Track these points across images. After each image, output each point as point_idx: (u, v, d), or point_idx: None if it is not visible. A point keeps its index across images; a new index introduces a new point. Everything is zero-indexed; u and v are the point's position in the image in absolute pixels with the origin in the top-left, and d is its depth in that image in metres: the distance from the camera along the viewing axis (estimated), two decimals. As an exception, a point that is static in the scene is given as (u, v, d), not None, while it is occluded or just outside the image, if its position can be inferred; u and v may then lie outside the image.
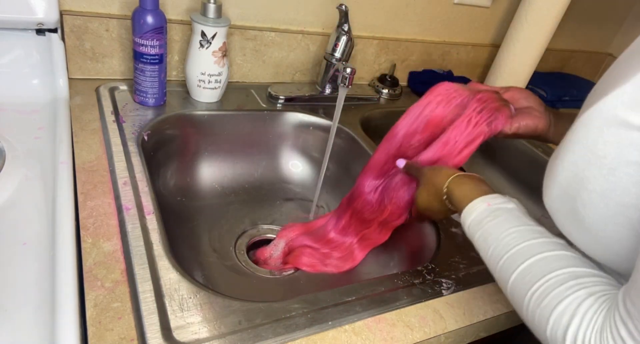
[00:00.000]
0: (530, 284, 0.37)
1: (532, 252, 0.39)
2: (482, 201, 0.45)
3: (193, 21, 0.70)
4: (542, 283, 0.36)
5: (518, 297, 0.38)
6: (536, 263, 0.38)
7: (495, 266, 0.41)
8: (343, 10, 0.79)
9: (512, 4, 1.08)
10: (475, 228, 0.45)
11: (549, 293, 0.35)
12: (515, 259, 0.39)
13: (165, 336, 0.39)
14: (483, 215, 0.44)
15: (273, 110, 0.83)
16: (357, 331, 0.45)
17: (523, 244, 0.40)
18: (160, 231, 0.50)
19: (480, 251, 0.44)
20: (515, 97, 0.60)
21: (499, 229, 0.42)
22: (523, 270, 0.38)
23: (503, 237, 0.42)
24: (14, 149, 0.55)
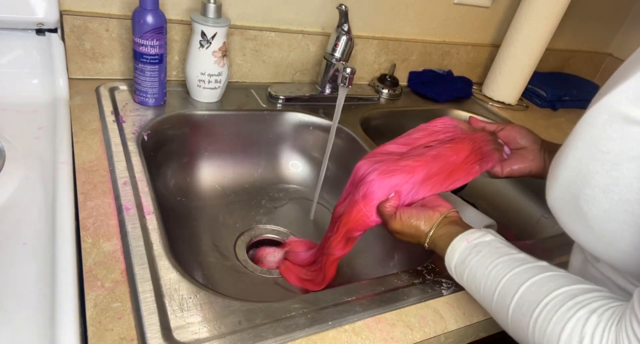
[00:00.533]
0: (530, 313, 0.37)
1: (521, 279, 0.39)
2: (460, 239, 0.45)
3: (193, 21, 0.70)
4: (540, 310, 0.36)
5: (521, 330, 0.37)
6: (528, 289, 0.38)
7: (491, 302, 0.41)
8: (343, 10, 0.79)
9: (512, 4, 1.08)
10: (461, 269, 0.45)
11: (550, 318, 0.35)
12: (507, 291, 0.39)
13: (165, 336, 0.39)
14: (465, 254, 0.44)
15: (273, 110, 0.83)
16: (357, 331, 0.45)
17: (510, 274, 0.40)
18: (160, 231, 0.50)
19: (472, 290, 0.44)
20: (511, 137, 0.61)
21: (484, 264, 0.42)
22: (518, 300, 0.38)
23: (489, 271, 0.42)
24: (14, 149, 0.55)
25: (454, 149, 0.55)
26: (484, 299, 0.42)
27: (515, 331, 0.39)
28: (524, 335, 0.37)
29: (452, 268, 0.46)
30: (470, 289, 0.45)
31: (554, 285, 0.37)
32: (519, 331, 0.38)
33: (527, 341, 0.37)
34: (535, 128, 1.02)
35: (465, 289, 0.46)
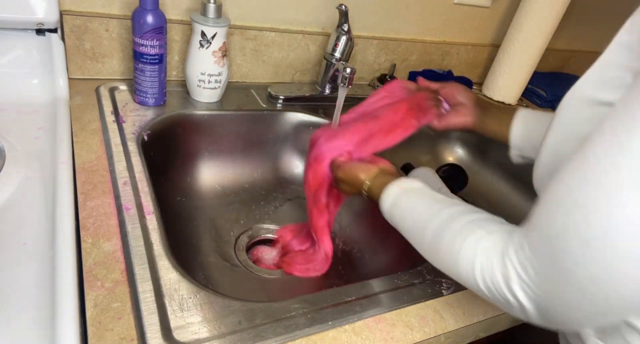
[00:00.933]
0: (446, 228, 0.42)
1: (448, 211, 0.44)
2: (393, 185, 0.51)
3: (193, 21, 0.70)
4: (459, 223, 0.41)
5: (434, 249, 0.43)
6: (452, 214, 0.43)
7: (422, 233, 0.45)
8: (343, 10, 0.79)
9: (512, 4, 1.08)
10: (393, 210, 0.49)
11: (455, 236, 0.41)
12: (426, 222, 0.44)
13: (165, 336, 0.39)
14: (397, 198, 0.49)
15: (273, 110, 0.83)
16: (357, 331, 0.45)
17: (437, 208, 0.45)
18: (160, 231, 0.50)
19: (401, 227, 0.48)
20: (450, 94, 0.67)
21: (412, 205, 0.48)
22: (440, 223, 0.43)
23: (418, 210, 0.46)
24: (14, 149, 0.55)
25: (393, 108, 0.62)
26: (412, 231, 0.47)
27: (433, 253, 0.44)
28: (437, 252, 0.43)
29: (385, 211, 0.51)
30: (398, 225, 0.49)
31: (473, 211, 0.44)
32: (433, 250, 0.43)
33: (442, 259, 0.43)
34: (535, 128, 1.02)
35: (396, 227, 0.50)
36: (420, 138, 1.04)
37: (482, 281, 0.38)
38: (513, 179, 0.98)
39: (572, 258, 0.30)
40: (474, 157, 1.05)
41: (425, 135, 1.05)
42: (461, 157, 1.06)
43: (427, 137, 1.05)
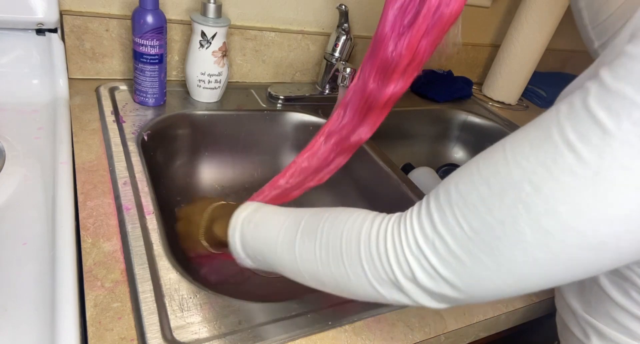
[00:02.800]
0: (325, 214, 0.38)
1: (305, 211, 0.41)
2: (249, 204, 0.47)
3: (193, 21, 0.70)
4: (334, 212, 0.38)
5: (311, 231, 0.38)
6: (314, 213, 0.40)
7: (280, 227, 0.41)
8: (343, 10, 0.79)
9: (512, 4, 1.08)
10: (253, 214, 0.45)
11: (340, 212, 0.37)
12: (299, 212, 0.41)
13: (165, 336, 0.39)
14: (260, 205, 0.46)
15: (273, 110, 0.83)
16: (357, 331, 0.45)
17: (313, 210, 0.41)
18: (160, 231, 0.50)
19: (260, 227, 0.43)
20: None
21: (279, 210, 0.44)
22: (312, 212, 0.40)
23: (284, 211, 0.43)
24: (14, 149, 0.55)
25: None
26: (272, 231, 0.42)
27: (303, 238, 0.38)
28: (311, 233, 0.38)
29: (241, 218, 0.45)
30: (256, 232, 0.43)
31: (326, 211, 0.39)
32: (307, 235, 0.38)
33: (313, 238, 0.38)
34: (535, 128, 1.02)
35: (245, 238, 0.44)
36: (421, 138, 1.04)
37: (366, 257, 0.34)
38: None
39: (516, 245, 0.28)
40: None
41: (425, 135, 1.05)
42: (461, 157, 1.06)
43: (427, 137, 1.05)
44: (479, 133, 1.03)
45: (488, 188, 0.29)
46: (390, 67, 0.52)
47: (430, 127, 1.04)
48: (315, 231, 0.37)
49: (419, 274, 0.31)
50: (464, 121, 1.04)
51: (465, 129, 1.04)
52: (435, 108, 1.02)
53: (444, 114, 1.03)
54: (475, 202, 0.29)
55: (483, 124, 1.02)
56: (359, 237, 0.34)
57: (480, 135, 1.03)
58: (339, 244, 0.35)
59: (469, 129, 1.04)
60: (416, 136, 1.03)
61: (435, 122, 1.04)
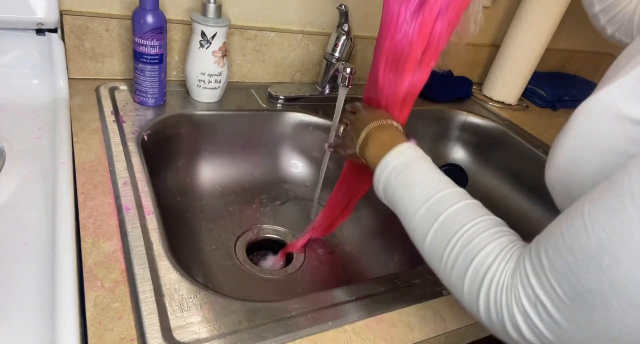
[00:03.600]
0: (464, 223, 0.39)
1: (461, 197, 0.41)
2: (410, 146, 0.47)
3: (193, 21, 0.70)
4: (473, 224, 0.38)
5: (446, 234, 0.39)
6: (465, 206, 0.40)
7: (423, 204, 0.41)
8: (343, 10, 0.79)
9: (512, 4, 1.08)
10: (402, 168, 0.45)
11: (479, 233, 0.37)
12: (447, 199, 0.41)
13: (165, 336, 0.39)
14: (414, 158, 0.45)
15: (273, 110, 0.83)
16: (357, 331, 0.45)
17: (451, 189, 0.42)
18: (160, 231, 0.50)
19: (404, 188, 0.44)
20: None
21: (429, 173, 0.44)
22: (456, 209, 0.40)
23: (433, 180, 0.43)
24: (14, 149, 0.55)
25: None
26: (414, 200, 0.42)
27: (438, 234, 0.40)
28: (442, 246, 0.39)
29: (390, 166, 0.45)
30: (397, 190, 0.44)
31: (484, 212, 0.40)
32: (442, 234, 0.39)
33: (447, 242, 0.39)
34: (535, 128, 1.02)
35: (389, 188, 0.45)
36: (421, 138, 1.04)
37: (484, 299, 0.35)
38: (513, 179, 0.98)
39: (606, 313, 0.28)
40: (474, 157, 1.05)
41: (425, 135, 1.05)
42: (461, 157, 1.06)
43: (427, 137, 1.05)
44: (479, 133, 1.03)
45: (573, 257, 0.29)
46: (402, 56, 0.49)
47: (430, 127, 1.04)
48: (451, 236, 0.38)
49: (524, 330, 0.32)
50: (464, 121, 1.04)
51: (465, 129, 1.04)
52: (435, 108, 1.02)
53: (444, 114, 1.03)
54: (565, 270, 0.30)
55: (483, 124, 1.02)
56: (484, 278, 0.35)
57: (480, 135, 1.03)
58: (466, 269, 0.37)
59: (469, 129, 1.04)
60: (416, 136, 1.03)
61: (435, 122, 1.04)
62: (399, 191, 0.44)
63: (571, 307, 0.29)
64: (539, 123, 1.06)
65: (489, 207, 0.42)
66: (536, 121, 1.07)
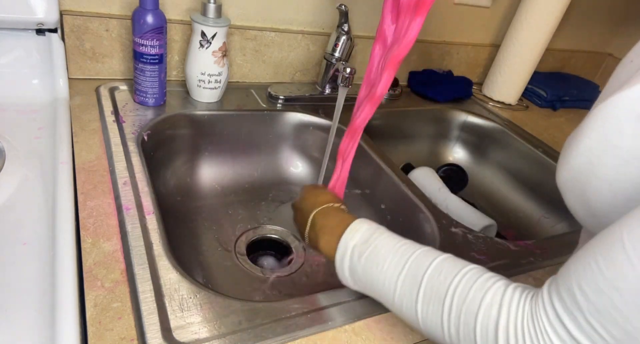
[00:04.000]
0: (449, 280, 0.36)
1: (433, 255, 0.39)
2: (361, 222, 0.46)
3: (193, 21, 0.70)
4: (460, 277, 0.36)
5: (436, 297, 0.36)
6: (442, 262, 0.38)
7: (398, 275, 0.40)
8: (343, 10, 0.79)
9: (512, 4, 1.08)
10: (362, 248, 0.43)
11: (470, 286, 0.35)
12: (420, 263, 0.39)
13: (165, 336, 0.39)
14: (368, 233, 0.44)
15: (273, 110, 0.83)
16: (357, 331, 0.45)
17: (419, 250, 0.40)
18: (160, 231, 0.50)
19: (372, 266, 0.42)
20: None
21: (391, 242, 0.43)
22: (434, 269, 0.38)
23: (398, 247, 0.41)
24: (14, 149, 0.55)
25: None
26: (387, 271, 0.41)
27: (429, 300, 0.37)
28: (438, 305, 0.37)
29: (350, 248, 0.44)
30: (366, 266, 0.42)
31: (464, 262, 0.38)
32: (433, 299, 0.37)
33: (442, 311, 0.36)
34: (535, 128, 1.02)
35: (356, 272, 0.43)
36: (420, 138, 1.04)
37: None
38: (513, 179, 0.98)
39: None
40: (474, 157, 1.05)
41: (425, 135, 1.05)
42: (461, 157, 1.06)
43: (427, 137, 1.05)
44: (479, 133, 1.03)
45: (619, 295, 0.27)
46: None
47: (430, 127, 1.04)
48: (443, 298, 0.36)
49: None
50: (464, 121, 1.04)
51: (465, 129, 1.04)
52: (435, 108, 1.02)
53: (444, 114, 1.03)
54: (609, 310, 0.27)
55: (483, 124, 1.02)
56: (497, 331, 0.32)
57: (480, 135, 1.03)
58: (473, 328, 0.34)
59: (469, 129, 1.04)
60: (416, 136, 1.03)
61: (435, 122, 1.04)
62: (368, 271, 0.42)
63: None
64: (539, 123, 1.06)
65: (489, 207, 0.42)
66: (536, 121, 1.07)
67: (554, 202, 0.90)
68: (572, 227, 0.84)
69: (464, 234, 0.62)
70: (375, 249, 0.42)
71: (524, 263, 0.59)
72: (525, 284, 0.35)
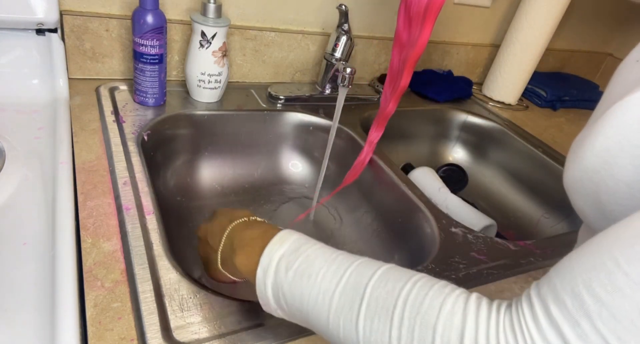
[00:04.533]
0: (398, 289, 0.31)
1: (376, 264, 0.34)
2: (290, 232, 0.39)
3: (193, 21, 0.70)
4: (411, 286, 0.31)
5: (383, 310, 0.30)
6: (388, 270, 0.33)
7: (336, 285, 0.33)
8: (343, 10, 0.79)
9: (512, 4, 1.08)
10: (291, 258, 0.36)
11: (425, 293, 0.30)
12: (362, 271, 0.33)
13: (165, 336, 0.39)
14: (299, 243, 0.37)
15: (273, 110, 0.83)
16: (357, 331, 0.45)
17: (360, 260, 0.35)
18: (160, 231, 0.50)
19: (303, 279, 0.35)
20: None
21: (327, 251, 0.36)
22: (379, 278, 0.32)
23: (335, 257, 0.35)
24: (14, 149, 0.55)
25: None
26: (322, 288, 0.34)
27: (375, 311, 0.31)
28: (384, 314, 0.30)
29: (275, 260, 0.37)
30: (297, 283, 0.35)
31: (411, 271, 0.33)
32: (380, 310, 0.31)
33: (388, 321, 0.30)
34: (535, 128, 1.02)
35: (281, 288, 0.36)
36: (421, 138, 1.04)
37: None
38: (513, 179, 0.98)
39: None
40: (474, 157, 1.05)
41: (425, 135, 1.05)
42: (461, 157, 1.06)
43: (427, 137, 1.05)
44: (479, 133, 1.03)
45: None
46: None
47: (430, 127, 1.04)
48: (391, 311, 0.30)
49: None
50: (464, 121, 1.04)
51: (465, 129, 1.04)
52: (435, 108, 1.02)
53: (444, 114, 1.03)
54: (628, 315, 0.23)
55: (483, 124, 1.02)
56: (462, 342, 0.27)
57: (480, 135, 1.03)
58: (431, 341, 0.28)
59: (469, 129, 1.04)
60: (416, 136, 1.03)
61: (435, 122, 1.04)
62: (297, 285, 0.35)
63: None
64: (539, 123, 1.06)
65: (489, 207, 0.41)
66: (536, 121, 1.07)
67: (554, 202, 0.90)
68: (572, 227, 0.84)
69: (464, 234, 0.62)
70: (308, 259, 0.36)
71: (524, 263, 0.59)
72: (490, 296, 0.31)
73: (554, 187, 0.89)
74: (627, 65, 0.38)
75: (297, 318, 0.36)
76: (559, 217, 0.88)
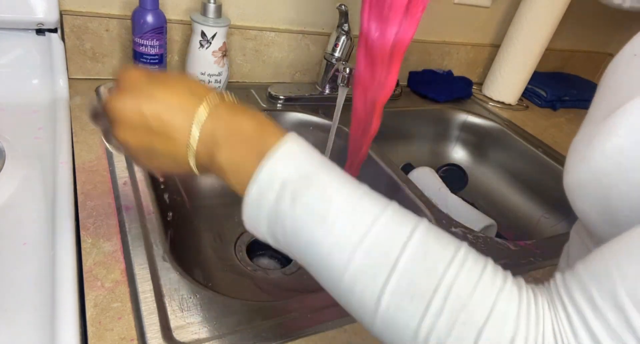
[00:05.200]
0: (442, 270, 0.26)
1: (410, 221, 0.28)
2: (297, 143, 0.32)
3: (193, 21, 0.70)
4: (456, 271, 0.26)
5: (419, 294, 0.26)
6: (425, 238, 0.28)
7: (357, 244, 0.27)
8: (343, 10, 0.79)
9: (512, 4, 1.08)
10: (300, 184, 0.29)
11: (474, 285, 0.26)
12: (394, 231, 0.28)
13: (165, 336, 0.39)
14: (310, 162, 0.31)
15: (273, 110, 0.83)
16: (357, 331, 0.45)
17: (390, 209, 0.29)
18: (160, 231, 0.50)
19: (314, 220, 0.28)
20: None
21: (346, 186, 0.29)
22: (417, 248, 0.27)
23: (358, 199, 0.29)
24: (14, 149, 0.55)
25: None
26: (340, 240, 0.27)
27: (402, 294, 0.26)
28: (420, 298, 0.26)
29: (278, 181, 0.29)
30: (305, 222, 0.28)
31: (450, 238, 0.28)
32: (411, 295, 0.26)
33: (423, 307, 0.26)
34: (535, 128, 1.02)
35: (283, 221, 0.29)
36: (421, 138, 1.04)
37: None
38: (513, 179, 0.98)
39: None
40: (474, 157, 1.05)
41: (425, 135, 1.05)
42: (461, 157, 1.06)
43: (427, 137, 1.05)
44: (479, 133, 1.03)
45: None
46: (386, 4, 0.47)
47: (430, 127, 1.04)
48: (428, 296, 0.26)
49: None
50: (464, 121, 1.04)
51: (465, 129, 1.04)
52: (435, 108, 1.02)
53: (444, 114, 1.03)
54: None
55: (483, 124, 1.02)
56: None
57: (480, 135, 1.03)
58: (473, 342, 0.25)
59: (469, 129, 1.04)
60: (416, 136, 1.03)
61: (435, 122, 1.04)
62: (304, 226, 0.28)
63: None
64: (539, 123, 1.06)
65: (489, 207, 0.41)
66: (536, 121, 1.07)
67: (554, 202, 0.90)
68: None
69: (464, 234, 0.62)
70: (323, 194, 0.28)
71: (524, 263, 0.59)
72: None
73: (554, 187, 0.89)
74: (624, 59, 0.36)
75: (293, 254, 0.30)
76: (559, 217, 0.88)
